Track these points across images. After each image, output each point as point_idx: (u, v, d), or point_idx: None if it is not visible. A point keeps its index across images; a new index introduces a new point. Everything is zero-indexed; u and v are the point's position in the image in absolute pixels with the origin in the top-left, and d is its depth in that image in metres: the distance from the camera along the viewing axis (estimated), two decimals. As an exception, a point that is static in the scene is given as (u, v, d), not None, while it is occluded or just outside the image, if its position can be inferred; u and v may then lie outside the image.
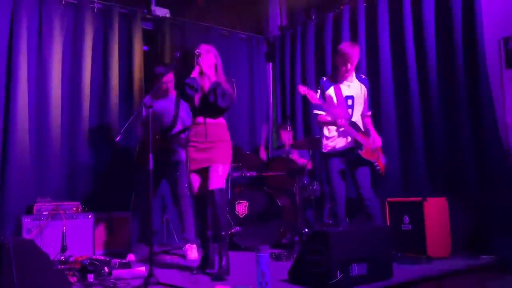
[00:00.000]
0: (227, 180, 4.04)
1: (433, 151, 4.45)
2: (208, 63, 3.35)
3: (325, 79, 3.93)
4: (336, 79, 3.89)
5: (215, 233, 3.31)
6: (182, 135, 4.13)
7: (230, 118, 5.35)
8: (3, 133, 4.43)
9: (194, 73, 3.32)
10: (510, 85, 4.04)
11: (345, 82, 3.87)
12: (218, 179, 3.29)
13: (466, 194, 4.12)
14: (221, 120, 3.41)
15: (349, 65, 3.78)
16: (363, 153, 3.74)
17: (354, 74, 3.92)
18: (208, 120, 3.35)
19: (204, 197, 3.39)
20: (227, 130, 3.44)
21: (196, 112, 3.41)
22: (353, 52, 3.76)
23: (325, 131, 3.88)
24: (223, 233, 3.26)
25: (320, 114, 3.83)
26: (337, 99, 3.82)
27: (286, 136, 5.14)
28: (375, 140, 3.84)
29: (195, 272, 3.31)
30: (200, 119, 3.37)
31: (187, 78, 3.29)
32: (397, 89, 4.80)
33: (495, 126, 4.00)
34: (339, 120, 3.71)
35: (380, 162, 3.85)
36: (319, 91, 3.88)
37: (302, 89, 3.73)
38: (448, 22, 4.35)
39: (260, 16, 6.60)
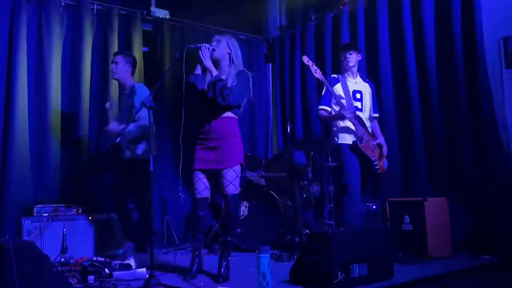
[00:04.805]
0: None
1: (433, 151, 4.44)
2: (214, 55, 3.16)
3: (333, 76, 4.11)
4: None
5: (222, 237, 3.25)
6: None
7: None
8: (3, 135, 4.43)
9: (197, 69, 3.18)
10: (510, 85, 4.04)
11: (351, 79, 4.03)
12: (232, 183, 3.14)
13: (467, 194, 4.11)
14: (228, 114, 3.17)
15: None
16: (363, 146, 3.78)
17: (358, 74, 4.11)
18: (212, 115, 3.15)
19: (206, 200, 3.22)
20: (236, 124, 3.22)
21: (200, 107, 3.20)
22: None
23: (338, 122, 3.98)
24: (229, 238, 3.20)
25: (324, 109, 3.96)
26: (344, 94, 3.93)
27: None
28: (383, 146, 4.00)
29: (188, 278, 3.09)
30: (204, 114, 3.19)
31: (190, 75, 3.15)
32: (397, 89, 4.80)
33: (495, 126, 4.00)
34: (345, 113, 3.77)
35: (381, 164, 3.86)
36: (324, 88, 4.03)
37: (306, 60, 3.93)
38: (448, 22, 4.35)
39: (259, 17, 6.59)
